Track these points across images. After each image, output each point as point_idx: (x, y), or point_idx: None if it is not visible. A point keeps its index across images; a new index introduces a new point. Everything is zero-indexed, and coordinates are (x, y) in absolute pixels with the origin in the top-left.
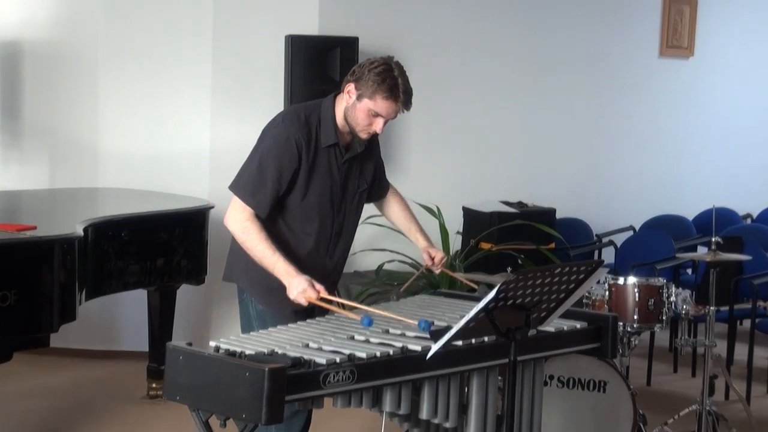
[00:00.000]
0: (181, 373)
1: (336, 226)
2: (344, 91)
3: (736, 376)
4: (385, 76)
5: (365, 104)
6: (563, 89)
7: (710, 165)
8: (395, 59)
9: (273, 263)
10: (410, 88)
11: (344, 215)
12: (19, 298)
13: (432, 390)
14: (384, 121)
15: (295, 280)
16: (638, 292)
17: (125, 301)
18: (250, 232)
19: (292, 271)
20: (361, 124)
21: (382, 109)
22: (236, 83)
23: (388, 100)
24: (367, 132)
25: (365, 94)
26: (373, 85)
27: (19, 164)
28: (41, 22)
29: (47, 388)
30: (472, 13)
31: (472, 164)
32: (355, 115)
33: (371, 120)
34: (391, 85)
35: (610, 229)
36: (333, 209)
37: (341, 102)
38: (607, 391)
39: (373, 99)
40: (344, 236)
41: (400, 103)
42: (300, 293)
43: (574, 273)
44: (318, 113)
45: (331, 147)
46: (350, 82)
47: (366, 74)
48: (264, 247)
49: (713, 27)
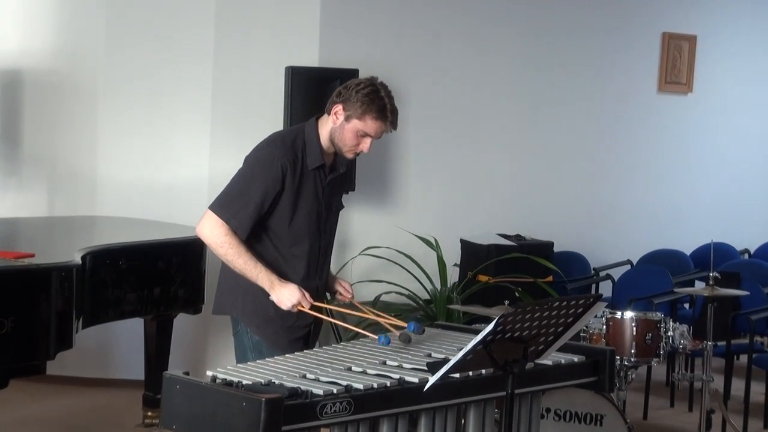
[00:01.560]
0: (177, 402)
1: (323, 246)
2: (332, 113)
3: (733, 411)
4: (373, 97)
5: (354, 125)
6: (562, 123)
7: (708, 200)
8: (379, 80)
9: (256, 274)
10: (396, 107)
11: (328, 235)
12: (16, 326)
13: (429, 422)
14: (371, 141)
15: (285, 291)
16: (636, 327)
17: (121, 330)
18: (229, 247)
19: (278, 281)
20: (348, 144)
21: (371, 129)
22: (236, 113)
23: (377, 120)
24: (353, 152)
25: (354, 115)
26: (362, 107)
27: (17, 191)
28: (42, 51)
29: (43, 415)
30: (472, 47)
31: (470, 196)
32: (343, 135)
33: (359, 140)
34: (380, 106)
35: (608, 263)
36: (319, 229)
37: (325, 123)
38: (604, 425)
39: (363, 120)
40: (327, 256)
41: (389, 123)
42: (294, 304)
43: (573, 307)
44: (302, 137)
45: (317, 169)
46: (337, 104)
47: (354, 96)
48: (245, 260)
49: (712, 63)
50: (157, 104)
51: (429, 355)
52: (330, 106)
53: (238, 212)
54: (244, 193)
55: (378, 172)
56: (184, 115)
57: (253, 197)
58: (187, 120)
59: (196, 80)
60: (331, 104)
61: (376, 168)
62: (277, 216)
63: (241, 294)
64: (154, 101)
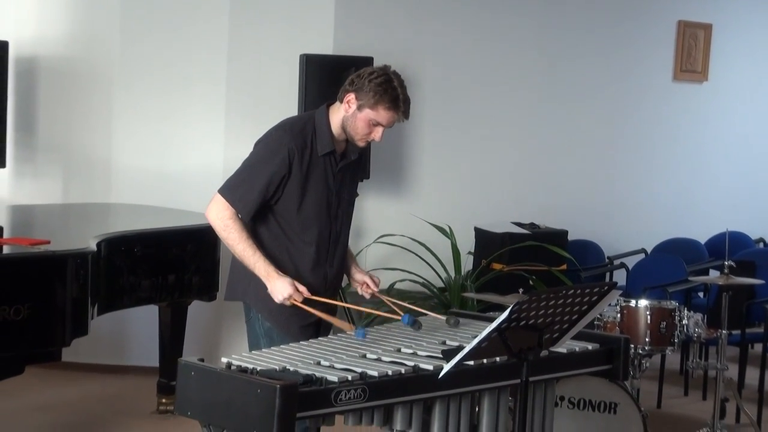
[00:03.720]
0: (192, 389)
1: (333, 234)
2: (344, 101)
3: (747, 400)
4: (386, 86)
5: (366, 114)
6: (577, 112)
7: (723, 189)
8: (392, 68)
9: (253, 262)
10: (408, 97)
11: (340, 223)
12: (31, 312)
13: (443, 409)
14: (383, 130)
15: (278, 283)
16: (650, 315)
17: (136, 317)
18: (231, 231)
19: (273, 273)
20: (360, 133)
21: (383, 119)
22: (250, 101)
23: (390, 110)
24: (365, 140)
25: (366, 104)
26: (375, 96)
27: (33, 179)
28: (57, 38)
29: (57, 402)
30: (486, 35)
31: (484, 185)
32: (355, 124)
33: (371, 129)
34: (393, 96)
35: (622, 251)
36: (330, 217)
37: (337, 111)
38: (618, 413)
39: (375, 109)
40: (341, 244)
41: (401, 113)
42: (285, 298)
43: (587, 295)
44: (313, 123)
45: (327, 155)
46: (350, 92)
47: (366, 85)
48: (245, 246)
49: (727, 52)
50: (171, 92)
51: (444, 342)
52: (342, 95)
53: (244, 195)
54: (250, 177)
55: (393, 161)
56: (198, 103)
57: (258, 181)
58: (202, 108)
59: (211, 68)
60: (343, 93)
61: (390, 156)
62: (285, 201)
63: (252, 280)
64: (169, 89)
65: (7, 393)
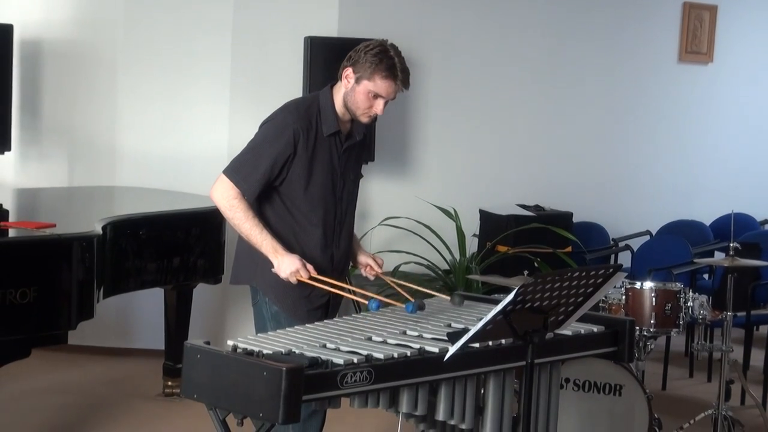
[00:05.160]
0: (198, 372)
1: (339, 214)
2: (342, 77)
3: (752, 382)
4: (381, 56)
5: (364, 86)
6: (581, 94)
7: (728, 170)
8: (389, 41)
9: (261, 240)
10: (407, 67)
11: (346, 204)
12: (38, 295)
13: (449, 391)
14: (384, 102)
15: (286, 259)
16: (655, 297)
17: (142, 300)
18: (237, 210)
19: (281, 250)
20: (361, 107)
21: (381, 89)
22: (255, 84)
23: (387, 79)
24: (368, 115)
25: (364, 76)
26: (370, 66)
27: (38, 162)
28: (62, 21)
29: (63, 385)
30: (492, 17)
31: (489, 167)
32: (355, 98)
33: (371, 102)
34: (389, 65)
35: (627, 233)
36: (335, 197)
37: (339, 90)
38: (623, 395)
39: (372, 80)
40: (347, 225)
41: (399, 81)
42: (293, 272)
43: (593, 277)
44: (317, 104)
45: (332, 136)
46: (348, 67)
47: (363, 57)
48: (251, 225)
49: (732, 33)
50: (176, 75)
51: (449, 325)
52: (341, 71)
53: (248, 176)
54: (255, 157)
55: (397, 143)
56: (203, 86)
57: (263, 162)
58: (207, 90)
59: (216, 51)
60: (342, 69)
61: (395, 139)
62: (291, 182)
63: (260, 263)
64: (174, 72)
65: (13, 376)
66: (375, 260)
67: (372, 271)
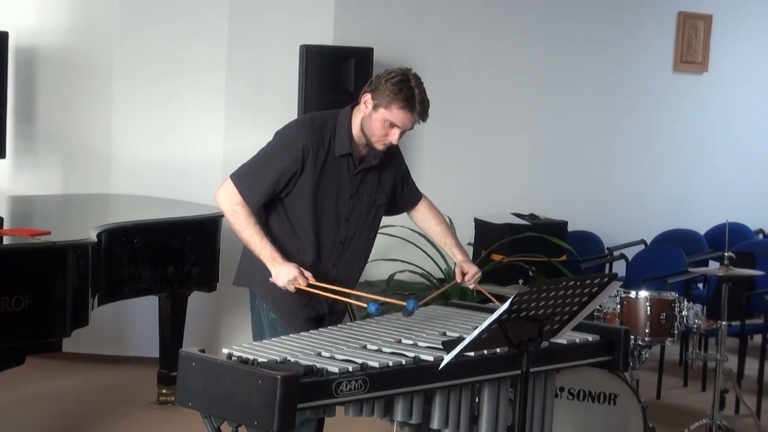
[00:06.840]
0: (193, 380)
1: (343, 235)
2: (361, 102)
3: (746, 391)
4: (401, 86)
5: (381, 114)
6: (577, 103)
7: (723, 180)
8: (413, 71)
9: (260, 248)
10: (427, 99)
11: (356, 227)
12: (32, 303)
13: (443, 400)
14: (400, 132)
15: (283, 268)
16: (650, 306)
17: (136, 307)
18: (239, 216)
19: (279, 258)
20: (377, 134)
21: (397, 119)
22: (250, 92)
23: (404, 110)
24: (382, 143)
25: (381, 103)
26: (389, 95)
27: (32, 169)
28: (57, 29)
29: (58, 392)
30: (487, 26)
31: (484, 176)
32: (371, 125)
33: (387, 130)
34: (408, 96)
35: (622, 242)
36: (338, 219)
37: (358, 113)
38: (618, 404)
39: (389, 109)
40: (353, 247)
41: (416, 113)
42: (290, 281)
43: (588, 286)
44: (334, 122)
45: (344, 157)
46: (367, 92)
47: (383, 84)
48: (252, 232)
49: (727, 42)
50: (171, 82)
51: (444, 333)
52: (361, 96)
53: (253, 185)
54: (262, 168)
55: None
56: (198, 94)
57: (269, 174)
58: (202, 98)
59: (211, 58)
60: (362, 93)
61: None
62: (296, 196)
63: (259, 268)
64: (169, 79)
65: (7, 384)
66: (462, 270)
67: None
